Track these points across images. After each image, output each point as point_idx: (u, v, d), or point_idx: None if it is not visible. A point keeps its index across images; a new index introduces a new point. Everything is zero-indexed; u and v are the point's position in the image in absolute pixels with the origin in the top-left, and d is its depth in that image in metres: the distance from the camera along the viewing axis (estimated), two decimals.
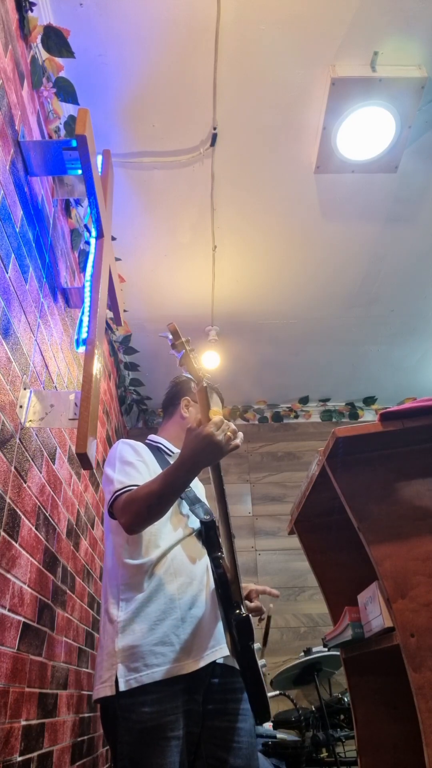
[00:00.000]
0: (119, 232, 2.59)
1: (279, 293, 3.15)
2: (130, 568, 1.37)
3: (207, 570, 1.43)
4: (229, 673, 1.36)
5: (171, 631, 1.31)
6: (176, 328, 1.40)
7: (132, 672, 1.25)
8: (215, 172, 2.41)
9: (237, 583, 1.37)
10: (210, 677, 1.34)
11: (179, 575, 1.38)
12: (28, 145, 1.60)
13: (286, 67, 2.05)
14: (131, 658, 1.27)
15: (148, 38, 1.94)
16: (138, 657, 1.27)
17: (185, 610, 1.34)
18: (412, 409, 1.20)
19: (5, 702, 1.31)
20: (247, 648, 1.31)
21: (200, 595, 1.38)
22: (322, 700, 2.56)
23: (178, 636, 1.31)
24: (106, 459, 1.53)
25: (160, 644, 1.28)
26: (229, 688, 1.36)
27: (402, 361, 3.81)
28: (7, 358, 1.40)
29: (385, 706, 1.47)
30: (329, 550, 1.67)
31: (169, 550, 1.40)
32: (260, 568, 3.75)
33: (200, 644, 1.32)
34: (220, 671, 1.36)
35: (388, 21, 1.92)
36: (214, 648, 1.34)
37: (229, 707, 1.34)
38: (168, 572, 1.38)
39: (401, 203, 2.60)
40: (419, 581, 1.11)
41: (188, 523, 1.48)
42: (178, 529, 1.45)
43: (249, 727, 1.35)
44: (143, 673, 1.25)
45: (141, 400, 4.02)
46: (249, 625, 1.32)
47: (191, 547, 1.45)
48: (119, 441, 1.56)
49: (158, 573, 1.37)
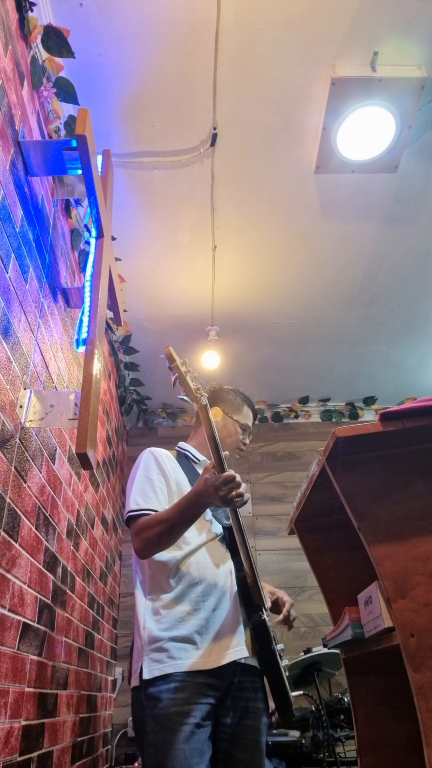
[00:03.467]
0: (119, 232, 2.59)
1: (279, 293, 3.15)
2: (155, 567, 1.44)
3: (230, 573, 1.49)
4: (247, 672, 1.42)
5: (194, 630, 1.37)
6: (171, 353, 1.42)
7: (156, 663, 1.33)
8: (215, 172, 2.41)
9: (257, 587, 1.45)
10: (231, 676, 1.39)
11: (204, 578, 1.44)
12: (28, 145, 1.60)
13: (286, 67, 2.04)
14: (156, 651, 1.35)
15: (148, 38, 1.94)
16: (162, 649, 1.35)
17: (209, 611, 1.40)
18: (412, 409, 1.20)
19: (5, 702, 1.31)
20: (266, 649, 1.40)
21: (224, 598, 1.44)
22: (322, 700, 2.55)
23: (201, 635, 1.37)
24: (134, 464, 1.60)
25: (183, 641, 1.36)
26: (245, 687, 1.41)
27: (402, 361, 3.81)
28: (7, 358, 1.40)
29: (385, 706, 1.46)
30: (329, 550, 1.67)
31: (193, 553, 1.47)
32: (260, 568, 3.74)
33: (222, 644, 1.38)
34: (240, 670, 1.41)
35: (388, 21, 1.91)
36: (236, 648, 1.39)
37: (241, 704, 1.39)
38: (193, 575, 1.44)
39: (401, 203, 2.60)
40: (419, 581, 1.11)
41: (212, 528, 1.54)
42: (202, 534, 1.51)
43: (256, 725, 1.40)
44: (167, 664, 1.33)
45: (141, 400, 4.02)
46: (265, 628, 1.41)
47: (215, 551, 1.51)
48: (146, 450, 1.62)
49: (183, 574, 1.44)
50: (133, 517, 1.44)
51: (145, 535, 1.38)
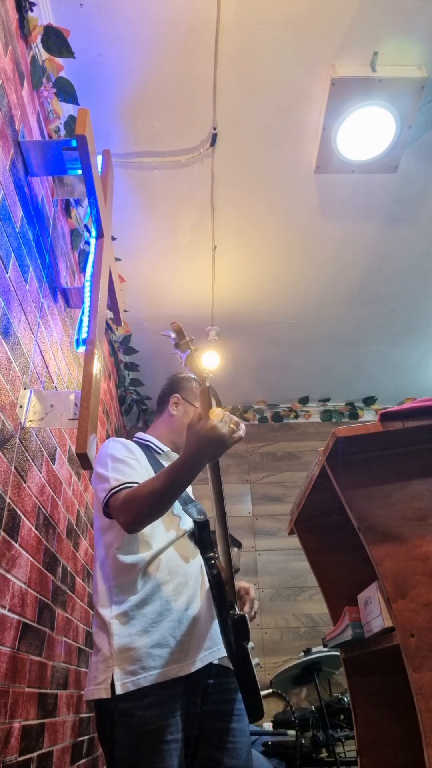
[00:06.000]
0: (119, 232, 2.59)
1: (279, 293, 3.15)
2: (123, 567, 1.35)
3: (201, 570, 1.42)
4: (224, 674, 1.36)
5: (168, 632, 1.29)
6: (180, 327, 1.36)
7: (129, 675, 1.23)
8: (215, 172, 2.41)
9: (231, 584, 1.36)
10: (206, 678, 1.33)
11: (174, 576, 1.36)
12: (28, 145, 1.60)
13: (286, 68, 2.05)
14: (127, 661, 1.25)
15: (148, 38, 1.94)
16: (134, 659, 1.25)
17: (181, 611, 1.33)
18: (412, 409, 1.20)
19: (5, 702, 1.31)
20: (241, 648, 1.31)
21: (196, 596, 1.37)
22: (322, 700, 2.56)
23: (174, 637, 1.29)
24: (96, 458, 1.48)
25: (156, 646, 1.27)
26: (223, 689, 1.35)
27: (402, 361, 3.81)
28: (7, 358, 1.40)
29: (385, 706, 1.46)
30: (329, 550, 1.67)
31: (162, 551, 1.38)
32: (260, 568, 3.75)
33: (197, 645, 1.31)
34: (216, 672, 1.35)
35: (388, 21, 1.92)
36: (211, 649, 1.33)
37: (223, 708, 1.33)
38: (162, 573, 1.36)
39: (401, 203, 2.60)
40: (419, 581, 1.11)
41: (180, 523, 1.46)
42: (170, 530, 1.42)
43: (243, 727, 1.34)
44: (140, 676, 1.23)
45: (141, 400, 4.02)
46: (245, 625, 1.32)
47: (184, 547, 1.43)
48: (109, 439, 1.52)
49: (152, 574, 1.35)
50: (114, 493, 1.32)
51: (133, 506, 1.27)
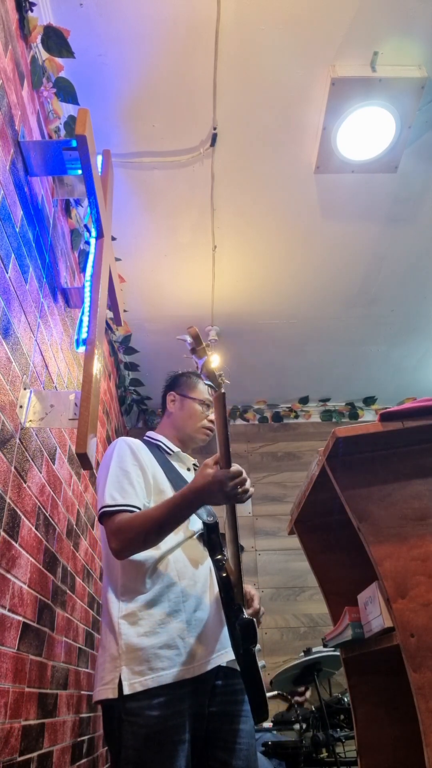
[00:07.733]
0: (119, 232, 2.59)
1: (279, 293, 3.15)
2: (130, 567, 1.35)
3: (210, 572, 1.42)
4: (231, 675, 1.37)
5: (176, 634, 1.29)
6: (197, 333, 1.32)
7: (137, 675, 1.23)
8: (215, 172, 2.41)
9: (240, 586, 1.37)
10: (214, 679, 1.34)
11: (183, 578, 1.37)
12: (28, 145, 1.60)
13: (286, 68, 2.04)
14: (135, 661, 1.25)
15: (148, 38, 1.94)
16: (143, 660, 1.25)
17: (190, 613, 1.33)
18: (412, 409, 1.20)
19: (5, 702, 1.31)
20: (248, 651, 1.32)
21: (204, 598, 1.37)
22: (322, 700, 2.56)
23: (183, 639, 1.29)
24: (104, 454, 1.49)
25: (164, 647, 1.27)
26: (230, 690, 1.36)
27: (402, 361, 3.81)
28: (7, 358, 1.40)
29: (385, 706, 1.46)
30: (329, 550, 1.67)
31: (170, 552, 1.39)
32: (260, 568, 3.75)
33: (206, 648, 1.32)
34: (223, 674, 1.36)
35: (388, 21, 1.91)
36: (220, 652, 1.34)
37: (229, 709, 1.34)
38: (171, 574, 1.36)
39: (401, 203, 2.60)
40: (419, 581, 1.11)
41: (189, 525, 1.46)
42: (179, 531, 1.41)
43: (249, 729, 1.35)
44: (148, 677, 1.23)
45: (141, 400, 4.02)
46: (253, 628, 1.32)
47: (193, 549, 1.44)
48: (119, 439, 1.54)
49: (160, 574, 1.35)
50: (109, 513, 1.33)
51: (128, 535, 1.28)
